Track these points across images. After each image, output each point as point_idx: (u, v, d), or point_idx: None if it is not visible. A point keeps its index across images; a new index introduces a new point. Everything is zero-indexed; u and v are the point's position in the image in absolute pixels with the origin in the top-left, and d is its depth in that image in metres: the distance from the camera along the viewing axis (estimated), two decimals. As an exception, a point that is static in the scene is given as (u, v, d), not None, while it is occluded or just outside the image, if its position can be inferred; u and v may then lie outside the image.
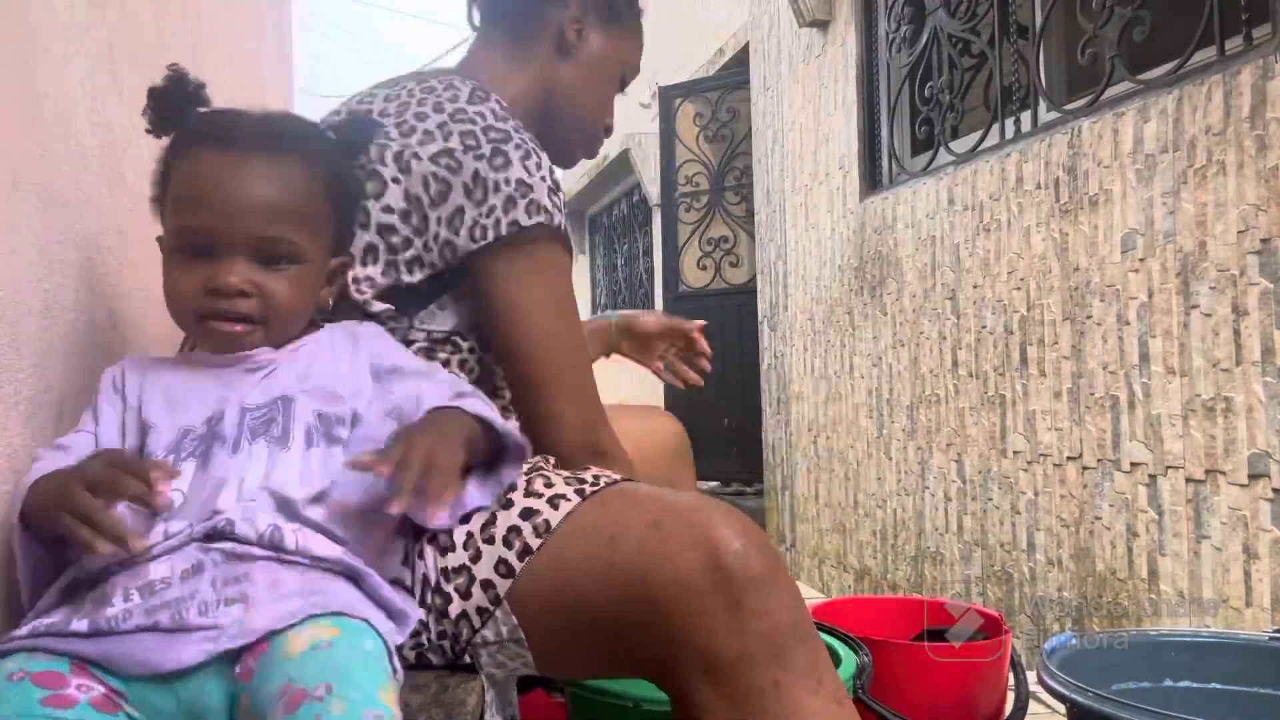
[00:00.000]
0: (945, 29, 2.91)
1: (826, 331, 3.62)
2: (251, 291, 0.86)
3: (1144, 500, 2.02)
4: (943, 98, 2.93)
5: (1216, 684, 1.36)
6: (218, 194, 0.85)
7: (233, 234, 0.85)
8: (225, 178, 0.86)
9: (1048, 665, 1.27)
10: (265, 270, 0.87)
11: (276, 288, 0.87)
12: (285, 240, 0.88)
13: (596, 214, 10.47)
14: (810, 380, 3.78)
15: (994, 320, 2.56)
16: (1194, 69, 1.95)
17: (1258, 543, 1.74)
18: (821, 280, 3.66)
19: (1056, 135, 2.32)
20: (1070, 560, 2.26)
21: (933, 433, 2.88)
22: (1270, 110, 1.72)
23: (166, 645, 0.71)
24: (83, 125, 1.09)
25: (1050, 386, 2.33)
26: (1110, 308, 2.12)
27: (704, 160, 5.39)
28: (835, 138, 3.55)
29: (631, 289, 9.07)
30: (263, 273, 0.87)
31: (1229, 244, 1.81)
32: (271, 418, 0.87)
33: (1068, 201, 2.27)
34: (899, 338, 3.07)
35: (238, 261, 0.86)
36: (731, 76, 5.38)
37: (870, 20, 3.35)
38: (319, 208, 0.91)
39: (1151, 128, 2.01)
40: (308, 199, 0.90)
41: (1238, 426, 1.78)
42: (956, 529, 2.76)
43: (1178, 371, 1.93)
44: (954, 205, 2.76)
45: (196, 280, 0.86)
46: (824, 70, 3.62)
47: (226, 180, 0.86)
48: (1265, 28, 1.80)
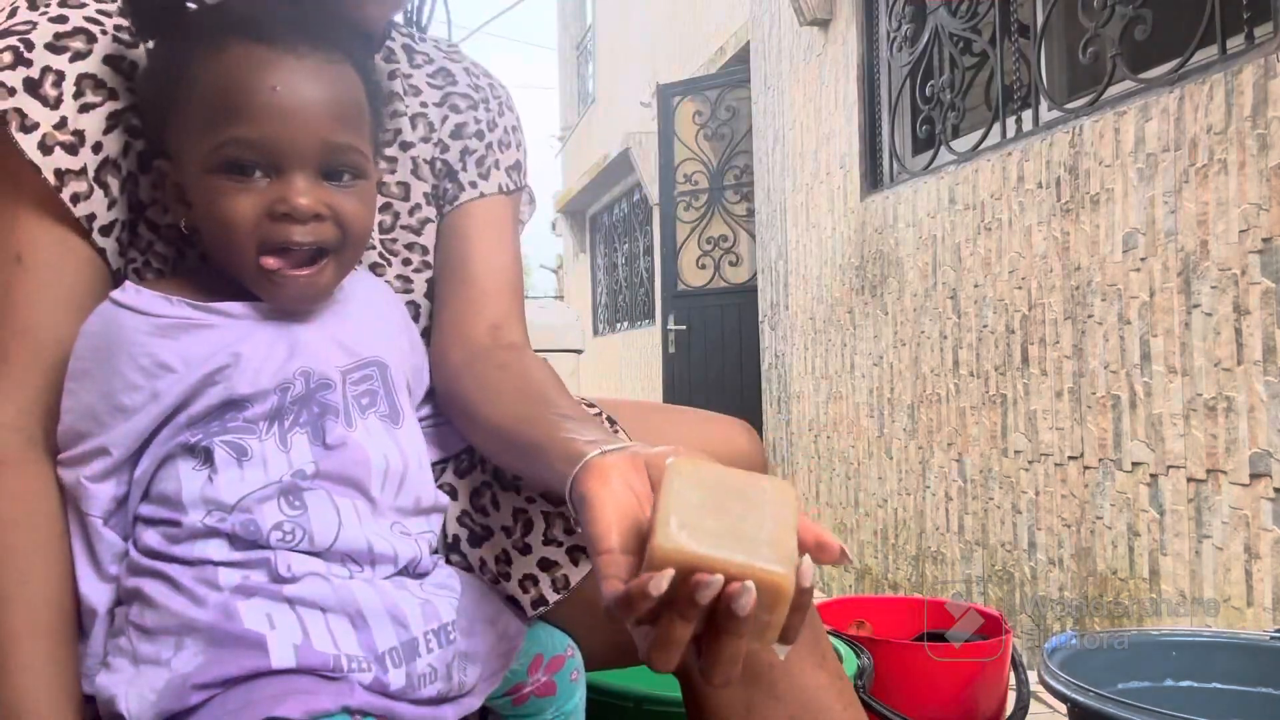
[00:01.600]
0: (946, 28, 2.90)
1: (827, 331, 3.62)
2: (326, 214, 0.71)
3: (1145, 500, 2.02)
4: (944, 96, 2.93)
5: (1218, 684, 1.36)
6: (276, 97, 0.69)
7: (300, 144, 0.69)
8: (284, 77, 0.69)
9: (1049, 665, 1.27)
10: (333, 186, 0.72)
11: (348, 207, 0.72)
12: (353, 149, 0.73)
13: (597, 213, 10.47)
14: (811, 379, 3.78)
15: (995, 319, 2.56)
16: (1195, 68, 1.95)
17: (1259, 542, 1.74)
18: (822, 279, 3.66)
19: (1058, 134, 2.32)
20: (1071, 560, 2.26)
21: (934, 432, 2.87)
22: (1272, 109, 1.72)
23: None
24: (82, 124, 1.08)
25: (1051, 386, 2.33)
26: (1111, 307, 2.12)
27: (703, 159, 5.39)
28: (836, 136, 3.54)
29: (632, 288, 9.07)
30: (330, 190, 0.72)
31: (1230, 243, 1.80)
32: (372, 389, 0.75)
33: (1069, 200, 2.27)
34: (900, 337, 3.06)
35: (306, 178, 0.70)
36: (730, 75, 5.38)
37: (871, 19, 3.35)
38: (367, 112, 0.77)
39: (1153, 127, 2.01)
40: (361, 100, 0.76)
41: (1239, 426, 1.78)
42: (957, 528, 2.76)
43: (1179, 371, 1.93)
44: (955, 204, 2.75)
45: (257, 205, 0.69)
46: (825, 69, 3.62)
47: (286, 80, 0.69)
48: (1267, 26, 1.80)
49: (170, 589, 0.66)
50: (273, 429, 0.70)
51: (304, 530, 0.68)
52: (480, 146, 0.97)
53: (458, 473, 0.87)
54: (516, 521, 0.83)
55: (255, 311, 0.73)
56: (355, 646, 0.66)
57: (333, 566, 0.69)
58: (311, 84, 0.71)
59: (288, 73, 0.70)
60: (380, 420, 0.75)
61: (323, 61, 0.72)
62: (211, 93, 0.70)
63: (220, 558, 0.66)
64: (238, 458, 0.69)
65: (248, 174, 0.70)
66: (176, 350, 0.69)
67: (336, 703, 0.62)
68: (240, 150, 0.69)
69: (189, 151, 0.71)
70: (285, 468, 0.69)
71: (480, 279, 0.92)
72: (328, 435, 0.71)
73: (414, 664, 0.67)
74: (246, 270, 0.72)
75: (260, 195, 0.70)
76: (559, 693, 0.80)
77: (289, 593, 0.66)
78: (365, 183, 0.75)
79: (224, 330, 0.71)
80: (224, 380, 0.69)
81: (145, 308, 0.70)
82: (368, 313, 0.80)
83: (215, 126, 0.70)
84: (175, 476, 0.68)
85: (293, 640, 0.63)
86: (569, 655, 0.81)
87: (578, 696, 0.82)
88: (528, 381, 0.82)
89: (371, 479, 0.72)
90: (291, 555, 0.67)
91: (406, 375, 0.80)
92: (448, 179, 0.96)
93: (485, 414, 0.80)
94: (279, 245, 0.70)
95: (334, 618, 0.66)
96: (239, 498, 0.68)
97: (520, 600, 0.81)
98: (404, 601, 0.69)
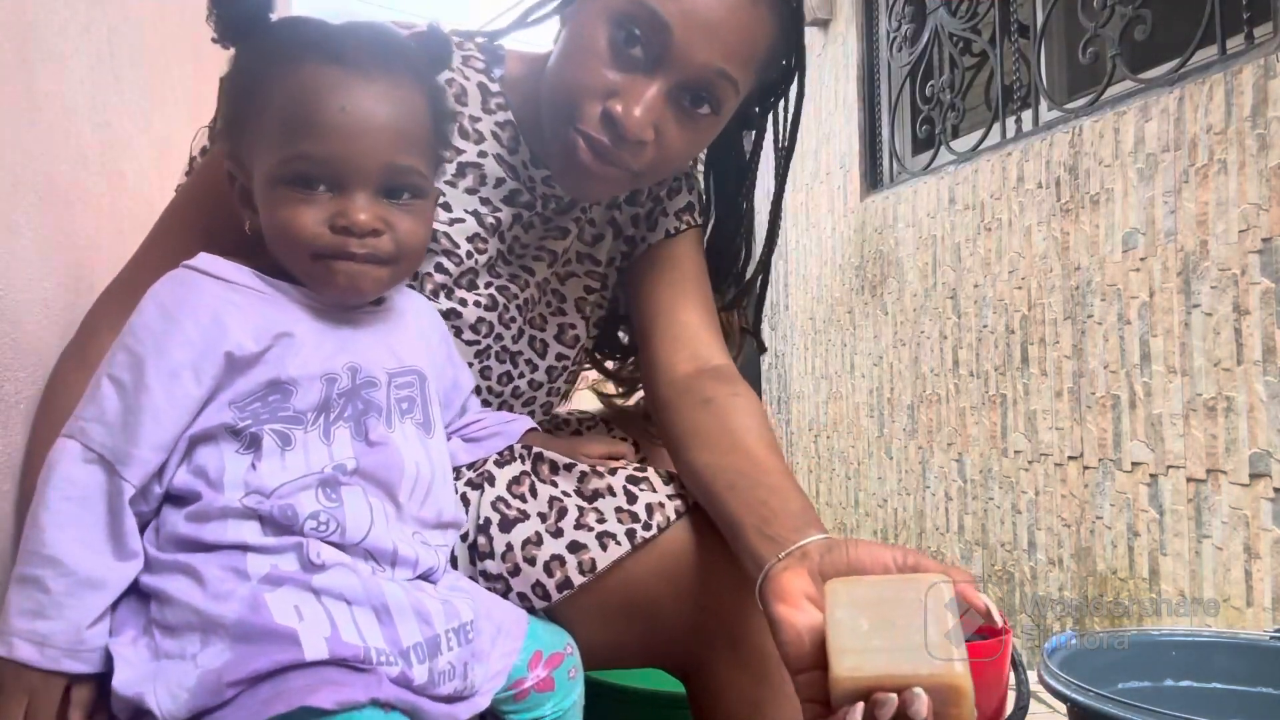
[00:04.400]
0: (946, 28, 2.91)
1: (827, 331, 3.62)
2: (383, 229, 0.74)
3: (1145, 500, 2.02)
4: (944, 97, 2.93)
5: (1217, 683, 1.36)
6: (344, 117, 0.73)
7: (363, 163, 0.73)
8: (353, 99, 0.73)
9: (1049, 665, 1.27)
10: (391, 205, 0.75)
11: (404, 224, 0.75)
12: (414, 170, 0.76)
13: (597, 213, 10.44)
14: (811, 380, 3.78)
15: (995, 319, 2.56)
16: (1195, 68, 1.95)
17: (1259, 542, 1.74)
18: (822, 279, 3.66)
19: (1058, 134, 2.32)
20: (1071, 560, 2.26)
21: (933, 432, 2.87)
22: (1271, 109, 1.72)
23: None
24: (83, 125, 1.09)
25: (1051, 386, 2.33)
26: (1111, 307, 2.12)
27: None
28: (836, 137, 3.54)
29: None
30: (388, 207, 0.75)
31: (1230, 243, 1.80)
32: (411, 396, 0.78)
33: (1069, 200, 2.27)
34: (900, 337, 3.07)
35: (367, 195, 0.74)
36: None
37: (871, 19, 3.35)
38: (430, 134, 0.80)
39: (1153, 127, 2.01)
40: (425, 124, 0.79)
41: (1239, 426, 1.78)
42: (957, 528, 2.76)
43: (1179, 371, 1.93)
44: (955, 204, 2.75)
45: (319, 217, 0.73)
46: (825, 69, 3.62)
47: (354, 102, 0.73)
48: (1266, 27, 1.80)
49: (193, 584, 0.66)
50: (318, 421, 0.72)
51: (338, 522, 0.70)
52: (648, 203, 1.04)
53: (497, 463, 0.89)
54: (552, 508, 0.85)
55: (313, 300, 0.76)
56: (381, 640, 0.67)
57: (358, 562, 0.70)
58: (378, 106, 0.74)
59: (357, 94, 0.74)
60: (416, 427, 0.77)
61: (390, 85, 0.75)
62: (285, 108, 0.73)
63: (253, 541, 0.68)
64: (282, 446, 0.71)
65: (313, 188, 0.73)
66: (237, 314, 0.72)
67: (367, 694, 0.63)
68: (307, 166, 0.73)
69: (260, 160, 0.75)
70: (326, 460, 0.71)
71: (668, 314, 0.98)
72: (370, 432, 0.73)
73: (436, 660, 0.69)
74: (301, 266, 0.75)
75: (323, 208, 0.73)
76: (557, 689, 0.81)
77: (317, 583, 0.67)
78: (423, 202, 0.78)
79: (283, 308, 0.75)
80: (274, 359, 0.72)
81: (216, 271, 0.74)
82: (413, 326, 0.83)
83: (286, 141, 0.73)
84: (218, 456, 0.70)
85: (323, 633, 0.65)
86: (567, 653, 0.82)
87: (576, 694, 0.83)
88: (730, 425, 0.87)
89: (402, 483, 0.74)
90: (322, 545, 0.69)
91: (441, 389, 0.83)
92: (624, 241, 1.04)
93: (689, 459, 0.86)
94: (335, 254, 0.74)
95: (360, 610, 0.68)
96: (278, 484, 0.70)
97: (545, 584, 0.83)
98: (426, 599, 0.71)
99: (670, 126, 0.86)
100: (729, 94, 0.87)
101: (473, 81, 0.96)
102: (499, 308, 0.96)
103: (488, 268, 0.96)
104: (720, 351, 0.97)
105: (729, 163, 1.07)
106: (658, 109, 0.84)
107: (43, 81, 0.96)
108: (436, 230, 0.92)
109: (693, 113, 0.86)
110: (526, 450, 0.90)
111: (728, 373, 0.95)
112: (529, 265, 1.00)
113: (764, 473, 0.82)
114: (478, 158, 0.95)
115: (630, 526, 0.84)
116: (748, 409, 0.89)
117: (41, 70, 0.96)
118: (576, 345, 1.05)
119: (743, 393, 0.91)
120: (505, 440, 0.91)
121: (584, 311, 1.05)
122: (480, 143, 0.95)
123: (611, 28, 0.84)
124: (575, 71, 0.86)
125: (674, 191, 1.05)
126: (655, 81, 0.83)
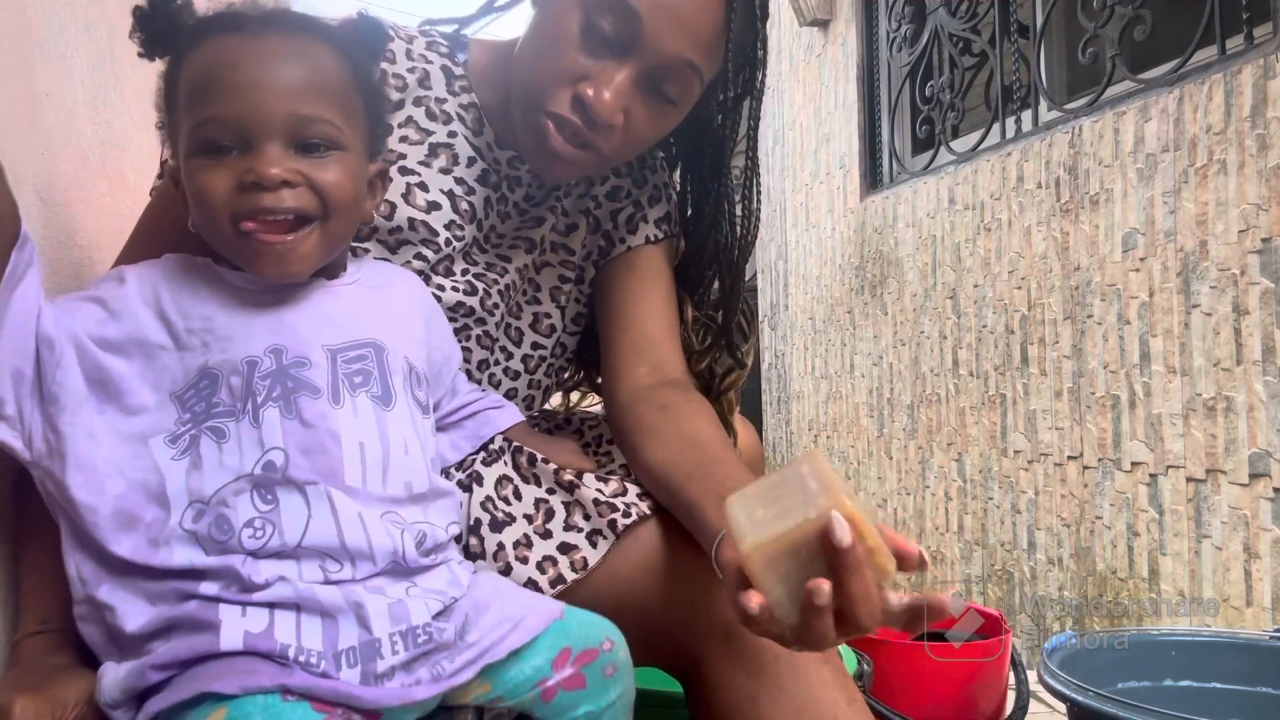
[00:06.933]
0: (946, 28, 2.91)
1: (827, 331, 3.62)
2: (297, 181, 0.72)
3: (1145, 499, 2.02)
4: (943, 97, 2.93)
5: (1217, 683, 1.36)
6: (242, 75, 0.72)
7: (265, 117, 0.71)
8: (249, 58, 0.73)
9: (1048, 665, 1.27)
10: (306, 157, 0.73)
11: (324, 175, 0.73)
12: (324, 120, 0.74)
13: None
14: (811, 379, 3.78)
15: (995, 319, 2.56)
16: (1195, 68, 1.95)
17: (1258, 542, 1.74)
18: (822, 280, 3.66)
19: (1057, 134, 2.32)
20: (1071, 559, 2.26)
21: (933, 432, 2.87)
22: (1271, 109, 1.72)
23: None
24: (83, 125, 1.09)
25: (1051, 386, 2.33)
26: (1111, 307, 2.12)
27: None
28: (836, 137, 3.54)
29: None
30: (304, 160, 0.73)
31: (1230, 243, 1.80)
32: (366, 369, 0.77)
33: (1068, 201, 2.27)
34: (899, 337, 3.07)
35: (274, 149, 0.72)
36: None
37: (871, 19, 3.35)
38: (350, 93, 0.78)
39: (1152, 127, 2.01)
40: (338, 79, 0.77)
41: (1238, 426, 1.78)
42: (957, 528, 2.76)
43: (1178, 371, 1.93)
44: (954, 204, 2.76)
45: (228, 178, 0.71)
46: (824, 69, 3.62)
47: (251, 61, 0.73)
48: (1266, 27, 1.80)
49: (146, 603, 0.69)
50: (247, 407, 0.72)
51: (274, 525, 0.70)
52: (629, 205, 1.04)
53: (485, 461, 0.90)
54: (538, 510, 0.87)
55: (247, 283, 0.75)
56: (319, 643, 0.68)
57: (305, 567, 0.70)
58: (277, 61, 0.74)
59: (254, 53, 0.73)
60: (370, 400, 0.76)
61: (289, 42, 0.75)
62: (190, 82, 0.74)
63: (200, 564, 0.69)
64: (218, 441, 0.71)
65: (224, 152, 0.72)
66: (173, 299, 0.74)
67: (273, 681, 0.64)
68: (212, 129, 0.72)
69: (179, 145, 0.75)
70: (258, 448, 0.71)
71: (636, 325, 1.00)
72: (304, 411, 0.72)
73: (371, 664, 0.69)
74: (226, 240, 0.73)
75: (232, 169, 0.72)
76: (589, 687, 0.79)
77: (258, 599, 0.68)
78: (343, 153, 0.76)
79: (216, 290, 0.75)
80: (198, 346, 0.73)
81: (164, 264, 0.76)
82: (377, 297, 0.82)
83: (195, 109, 0.73)
84: (156, 469, 0.70)
85: (245, 627, 0.66)
86: (604, 649, 0.79)
87: (614, 693, 0.80)
88: (684, 427, 0.89)
89: (345, 460, 0.73)
90: (260, 562, 0.69)
91: (410, 361, 0.82)
92: (601, 237, 1.04)
93: (645, 456, 0.88)
94: (250, 213, 0.72)
95: (305, 616, 0.69)
96: (216, 488, 0.70)
97: (538, 581, 0.84)
98: (371, 604, 0.70)
99: (638, 111, 0.88)
100: (694, 82, 0.90)
101: (436, 65, 0.97)
102: (479, 293, 0.97)
103: (464, 254, 0.97)
104: (679, 365, 1.00)
105: (703, 149, 1.07)
106: (627, 94, 0.86)
107: (43, 81, 0.96)
108: (414, 219, 0.92)
109: (660, 99, 0.89)
110: (507, 443, 0.91)
111: (684, 384, 0.98)
112: (506, 254, 1.01)
113: (720, 463, 0.83)
114: (448, 138, 0.96)
115: (611, 518, 0.86)
116: (703, 412, 0.92)
117: (41, 70, 0.96)
118: (553, 335, 1.05)
119: (696, 400, 0.94)
120: (493, 429, 0.92)
121: (559, 301, 1.05)
122: (449, 123, 0.97)
123: (583, 14, 0.85)
124: (547, 56, 0.88)
125: (654, 200, 1.06)
126: (625, 67, 0.85)
